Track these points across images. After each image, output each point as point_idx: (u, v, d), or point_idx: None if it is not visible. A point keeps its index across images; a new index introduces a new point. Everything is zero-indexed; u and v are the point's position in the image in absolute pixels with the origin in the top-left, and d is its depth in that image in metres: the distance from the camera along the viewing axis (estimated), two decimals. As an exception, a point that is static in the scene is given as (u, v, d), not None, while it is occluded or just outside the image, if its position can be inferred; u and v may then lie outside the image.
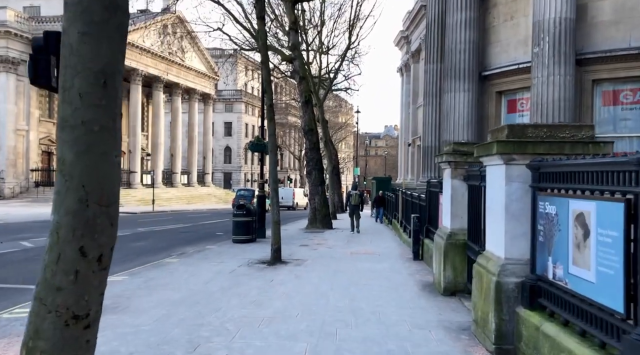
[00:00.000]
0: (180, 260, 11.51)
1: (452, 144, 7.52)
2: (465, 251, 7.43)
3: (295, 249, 13.73)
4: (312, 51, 33.19)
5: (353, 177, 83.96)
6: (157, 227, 21.87)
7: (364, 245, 14.84)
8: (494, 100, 14.08)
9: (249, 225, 15.18)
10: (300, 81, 20.61)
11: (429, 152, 16.53)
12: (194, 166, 55.90)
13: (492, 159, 5.08)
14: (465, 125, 13.85)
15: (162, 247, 15.02)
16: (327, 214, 20.81)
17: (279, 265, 10.71)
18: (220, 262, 11.26)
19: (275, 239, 11.05)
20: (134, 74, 45.10)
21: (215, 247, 14.05)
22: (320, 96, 31.33)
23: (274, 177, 11.10)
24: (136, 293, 7.77)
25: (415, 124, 35.76)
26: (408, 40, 38.42)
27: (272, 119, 11.12)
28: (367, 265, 10.73)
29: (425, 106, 16.69)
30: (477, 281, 5.42)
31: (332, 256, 12.19)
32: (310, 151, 20.53)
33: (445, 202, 8.05)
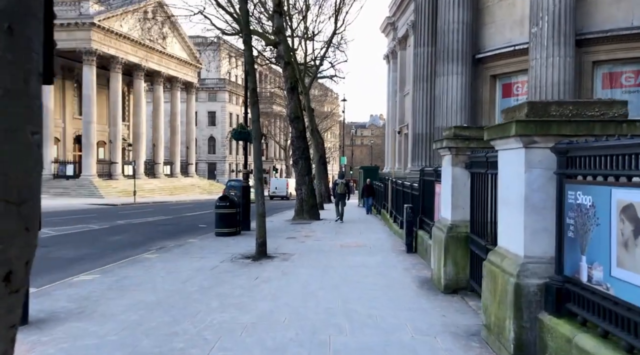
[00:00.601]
0: (159, 256, 10.76)
1: (453, 128, 6.86)
2: (468, 245, 6.80)
3: (281, 242, 13.05)
4: (297, 37, 32.30)
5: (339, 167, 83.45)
6: (137, 220, 21.02)
7: (353, 237, 14.20)
8: (488, 84, 13.47)
9: (233, 218, 14.45)
10: (286, 67, 19.79)
11: (419, 139, 15.90)
12: (177, 156, 54.74)
13: (508, 142, 4.42)
14: (458, 110, 13.22)
15: (141, 241, 14.23)
16: (315, 205, 20.13)
17: (264, 261, 10.02)
18: (202, 257, 10.53)
19: (260, 233, 10.35)
20: (113, 62, 43.76)
21: (196, 241, 13.30)
22: (306, 84, 30.51)
23: (258, 167, 10.37)
24: (106, 295, 7.03)
25: (402, 112, 35.19)
26: (394, 27, 37.70)
27: (256, 103, 10.37)
28: (358, 259, 10.09)
29: (415, 92, 16.04)
30: (489, 282, 4.78)
31: (320, 249, 11.53)
32: (296, 140, 19.78)
33: (444, 191, 7.40)
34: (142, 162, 48.55)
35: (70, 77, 46.89)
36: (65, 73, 46.74)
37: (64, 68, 46.33)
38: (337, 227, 17.02)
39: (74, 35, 40.40)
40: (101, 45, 41.58)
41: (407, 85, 33.71)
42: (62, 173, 42.14)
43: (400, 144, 35.76)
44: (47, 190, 39.88)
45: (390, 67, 39.79)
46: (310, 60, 33.23)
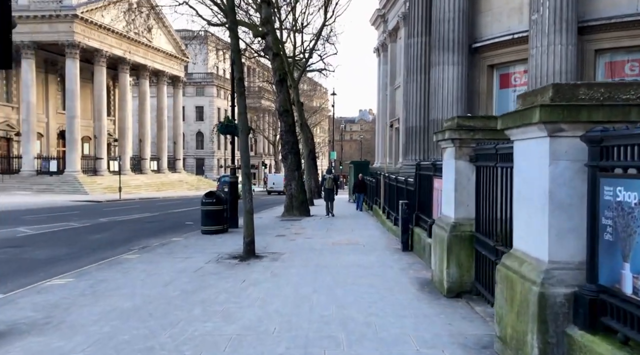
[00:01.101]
0: (140, 256, 10.13)
1: (456, 118, 6.31)
2: (473, 245, 6.28)
3: (270, 240, 12.47)
4: (285, 30, 31.61)
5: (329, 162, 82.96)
6: (122, 217, 20.31)
7: (345, 234, 13.66)
8: (485, 75, 12.95)
9: (220, 215, 13.84)
10: (274, 58, 19.13)
11: (413, 133, 15.37)
12: (164, 152, 53.85)
13: (529, 131, 3.87)
14: (454, 101, 12.70)
15: (123, 239, 13.57)
16: (305, 201, 19.55)
17: (252, 261, 9.44)
18: (186, 257, 9.93)
19: (247, 231, 9.76)
20: (97, 55, 42.75)
21: (181, 240, 12.68)
22: (295, 77, 29.85)
23: (246, 161, 9.77)
24: (78, 301, 6.41)
25: (393, 105, 34.67)
26: (385, 19, 37.13)
27: (243, 95, 9.75)
28: (352, 259, 9.54)
29: (408, 84, 15.50)
30: (505, 289, 4.24)
31: (312, 248, 10.97)
32: (285, 134, 19.15)
33: (446, 187, 6.86)
34: (128, 158, 47.64)
35: (54, 71, 45.82)
36: (49, 67, 45.66)
37: (47, 62, 45.25)
38: (328, 223, 16.48)
39: (56, 27, 39.37)
40: (84, 38, 40.55)
41: (397, 78, 33.18)
42: (45, 169, 41.13)
43: (391, 139, 35.26)
44: (29, 186, 38.95)
45: (380, 60, 39.24)
46: (300, 53, 32.56)
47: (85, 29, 40.64)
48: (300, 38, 32.31)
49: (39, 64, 44.20)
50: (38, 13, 38.92)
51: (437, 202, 8.41)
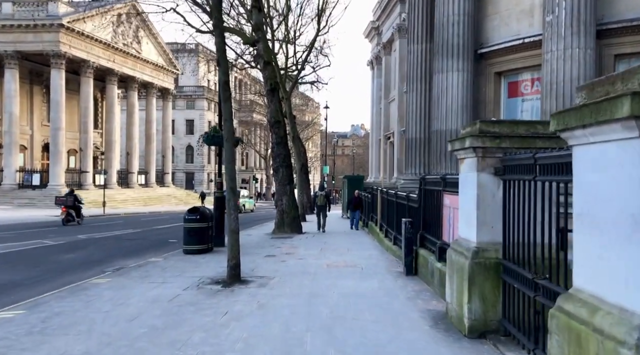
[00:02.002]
0: (111, 281, 8.97)
1: (478, 123, 5.30)
2: (500, 275, 5.22)
3: (259, 261, 11.35)
4: (277, 41, 30.78)
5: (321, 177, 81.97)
6: (101, 234, 19.07)
7: (341, 254, 12.56)
8: (492, 83, 12.04)
9: (204, 233, 12.71)
10: (265, 67, 18.18)
11: (413, 145, 14.39)
12: (152, 165, 52.55)
13: (606, 131, 2.84)
14: (459, 110, 11.77)
15: (97, 260, 12.39)
16: (296, 217, 18.45)
17: (237, 287, 8.31)
18: (162, 282, 8.78)
19: (232, 253, 8.65)
20: (84, 66, 41.65)
21: (160, 261, 11.52)
22: (287, 89, 28.94)
23: (230, 173, 8.69)
24: (19, 343, 5.26)
25: (387, 119, 33.88)
26: (379, 31, 36.54)
27: (229, 99, 8.71)
28: (350, 284, 8.44)
29: (409, 93, 14.55)
30: (566, 344, 3.18)
31: (304, 271, 9.85)
32: (277, 146, 18.12)
33: (465, 205, 5.82)
34: (115, 172, 46.35)
35: (39, 82, 44.62)
36: (34, 78, 44.48)
37: (32, 72, 44.08)
38: (322, 241, 15.37)
39: (41, 37, 38.30)
40: (70, 48, 39.47)
41: (392, 91, 32.43)
42: (27, 182, 39.72)
43: (385, 153, 34.39)
44: (10, 200, 37.52)
45: (374, 73, 38.55)
46: (292, 64, 31.68)
47: (72, 39, 39.59)
48: (293, 49, 31.31)
49: (23, 74, 43.03)
50: (22, 22, 37.86)
51: (448, 222, 7.38)
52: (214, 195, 15.32)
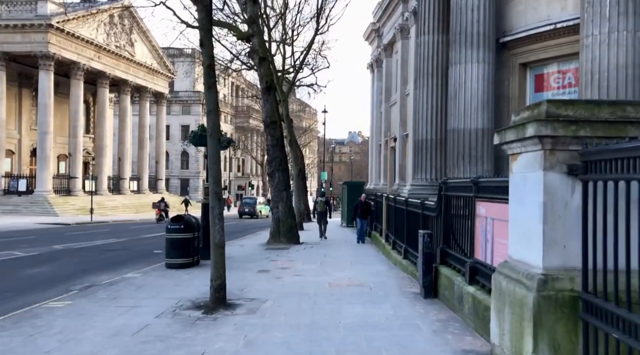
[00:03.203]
0: (71, 304, 7.48)
1: (545, 103, 3.86)
2: (578, 314, 3.76)
3: (250, 278, 9.86)
4: (274, 42, 29.44)
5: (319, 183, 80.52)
6: (82, 243, 17.53)
7: (344, 269, 11.08)
8: (517, 75, 10.64)
9: (189, 244, 11.21)
10: (260, 63, 16.76)
11: (423, 147, 12.95)
12: (145, 171, 50.95)
13: None
14: (479, 107, 10.38)
15: (66, 275, 10.87)
16: (294, 226, 16.96)
17: (221, 314, 6.83)
18: (133, 306, 7.29)
19: (217, 272, 7.17)
20: (74, 68, 40.13)
21: (137, 277, 10.02)
22: (284, 90, 27.56)
23: (215, 175, 7.22)
24: None
25: (388, 123, 32.51)
26: (379, 33, 35.25)
27: (214, 86, 7.27)
28: (359, 311, 6.96)
29: (418, 89, 13.13)
30: None
31: (303, 292, 8.36)
32: (272, 148, 16.65)
33: (521, 215, 4.36)
34: (106, 178, 44.73)
35: (28, 85, 43.05)
36: (22, 80, 42.96)
37: (21, 75, 42.58)
38: (322, 253, 13.88)
39: (30, 37, 36.83)
40: (60, 49, 38.00)
41: (393, 94, 31.09)
42: (13, 188, 38.08)
43: (385, 158, 33.00)
44: (-6, 207, 35.88)
45: (374, 77, 37.23)
46: (289, 66, 30.32)
47: (61, 40, 38.13)
48: (291, 50, 30.03)
49: (12, 77, 41.55)
50: (10, 22, 36.38)
51: (484, 235, 5.92)
52: (202, 202, 13.84)
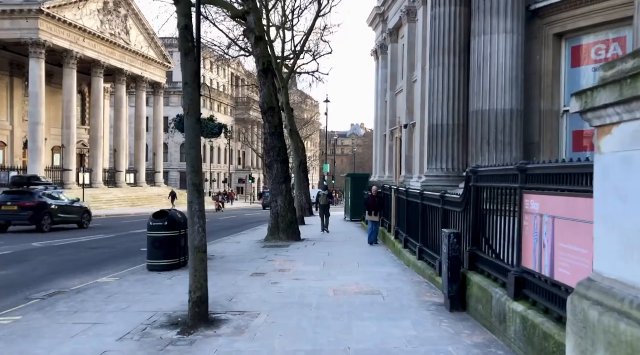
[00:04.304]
0: (20, 320, 6.14)
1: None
2: None
3: (242, 283, 8.51)
4: (273, 27, 27.96)
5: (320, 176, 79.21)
6: (64, 240, 16.19)
7: (350, 272, 9.70)
8: (551, 48, 9.21)
9: (174, 244, 9.87)
10: (257, 43, 15.33)
11: (439, 134, 11.53)
12: (142, 164, 49.58)
13: None
14: (508, 84, 8.98)
15: (33, 279, 9.52)
16: (294, 221, 15.59)
17: (201, 335, 5.48)
18: (94, 323, 5.95)
19: (196, 282, 5.80)
20: (67, 56, 38.68)
21: (112, 282, 8.68)
22: (284, 76, 26.14)
23: (194, 164, 5.83)
24: None
25: (394, 113, 31.05)
26: (384, 18, 33.68)
27: (191, 53, 5.84)
28: (372, 331, 5.60)
29: (433, 69, 11.66)
30: None
31: (303, 303, 7.00)
32: (270, 137, 15.25)
33: (623, 215, 2.96)
34: (101, 170, 43.41)
35: (20, 75, 41.65)
36: (14, 70, 41.58)
37: (13, 64, 41.20)
38: (325, 252, 12.51)
39: (19, 24, 35.35)
40: (52, 37, 36.53)
41: (399, 81, 29.60)
42: (4, 181, 36.69)
43: (391, 150, 31.58)
44: (-17, 201, 34.55)
45: (379, 64, 35.69)
46: (290, 51, 28.85)
47: (53, 27, 36.66)
48: (291, 34, 28.55)
49: (3, 66, 40.24)
50: (-2, 7, 34.91)
51: (536, 238, 4.54)
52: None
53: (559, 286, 4.05)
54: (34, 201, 18.76)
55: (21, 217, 18.48)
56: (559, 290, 4.06)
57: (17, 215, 18.43)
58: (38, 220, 18.64)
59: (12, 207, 18.38)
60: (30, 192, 19.30)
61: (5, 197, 19.08)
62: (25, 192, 19.37)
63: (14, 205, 18.44)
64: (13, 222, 18.88)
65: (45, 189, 20.08)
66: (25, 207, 18.42)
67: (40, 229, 18.72)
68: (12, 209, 18.33)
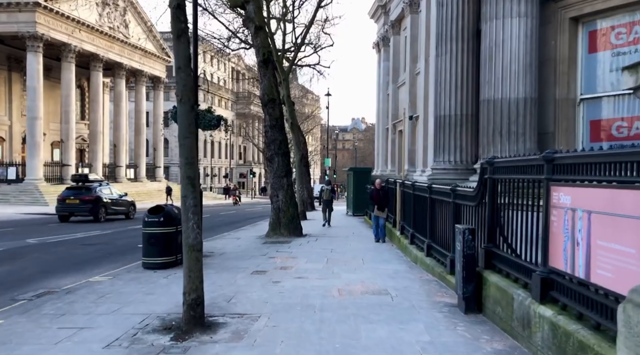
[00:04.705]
0: (3, 323, 5.73)
1: None
2: None
3: (242, 281, 8.07)
4: (273, 19, 27.45)
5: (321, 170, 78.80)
6: (60, 236, 15.77)
7: (355, 269, 9.26)
8: (566, 33, 8.71)
9: (170, 240, 9.43)
10: (256, 33, 14.84)
11: (447, 124, 11.04)
12: (142, 159, 49.14)
13: None
14: (521, 71, 8.51)
15: (23, 278, 9.10)
16: (295, 216, 15.14)
17: (196, 341, 5.04)
18: (82, 327, 5.53)
19: (191, 283, 5.36)
20: (65, 50, 38.15)
21: (105, 281, 8.25)
22: (285, 69, 25.65)
23: (188, 155, 5.37)
24: None
25: (396, 106, 30.55)
26: (386, 9, 33.09)
27: (184, 34, 5.37)
28: (381, 336, 5.15)
29: (440, 56, 11.15)
30: None
31: (306, 304, 6.55)
32: (271, 130, 14.78)
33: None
34: (101, 165, 42.98)
35: (19, 69, 41.15)
36: (12, 64, 41.07)
37: (11, 58, 40.69)
38: (328, 249, 12.06)
39: (16, 17, 34.79)
40: (49, 30, 35.98)
41: (402, 74, 29.08)
42: (2, 177, 36.36)
43: (393, 143, 31.09)
44: (-19, 197, 34.20)
45: (381, 57, 35.13)
46: (290, 43, 28.35)
47: (50, 20, 36.11)
48: (292, 26, 28.02)
49: (0, 60, 39.74)
50: (-7, -1, 34.35)
51: (569, 235, 4.08)
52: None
53: (597, 289, 3.59)
54: (92, 195, 21.68)
55: (82, 209, 21.41)
56: (596, 295, 3.60)
57: (79, 208, 21.47)
58: (95, 212, 21.42)
59: (74, 201, 21.47)
60: (88, 188, 22.22)
61: (67, 192, 22.18)
62: (83, 187, 22.39)
63: (75, 199, 21.48)
64: (75, 213, 21.72)
65: (99, 185, 23.19)
66: (85, 200, 21.39)
67: (97, 219, 21.32)
68: (74, 202, 21.43)
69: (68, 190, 22.43)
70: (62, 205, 21.66)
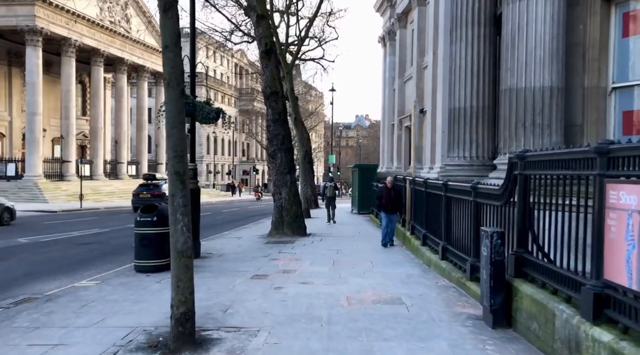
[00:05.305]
0: (-32, 339, 5.01)
1: None
2: None
3: (241, 288, 7.36)
4: (277, 12, 26.69)
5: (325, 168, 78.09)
6: (54, 235, 15.11)
7: (364, 273, 8.54)
8: (598, 15, 7.96)
9: (164, 241, 8.56)
10: (258, 22, 14.12)
11: (460, 117, 10.29)
12: (143, 155, 48.53)
13: None
14: (547, 58, 7.76)
15: (4, 282, 8.41)
16: (299, 215, 14.43)
17: (184, 363, 4.34)
18: (55, 345, 4.86)
19: (180, 294, 4.66)
20: (65, 44, 37.49)
21: (93, 286, 7.56)
22: (288, 63, 24.92)
23: (176, 147, 4.66)
24: None
25: (402, 101, 29.77)
26: (392, 2, 32.30)
27: (172, 9, 4.67)
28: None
29: (454, 44, 10.38)
30: None
31: (312, 315, 5.84)
32: (273, 124, 14.05)
33: None
34: (102, 162, 42.39)
35: (19, 64, 40.51)
36: (12, 59, 40.46)
37: (11, 53, 40.08)
38: (334, 250, 11.35)
39: (15, 10, 34.15)
40: (49, 24, 35.32)
41: (408, 68, 28.29)
42: (1, 173, 35.75)
43: (400, 139, 30.32)
44: (-21, 193, 33.60)
45: (386, 51, 34.31)
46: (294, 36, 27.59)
47: (50, 14, 35.44)
48: (296, 19, 27.25)
49: (0, 55, 39.12)
50: (-8, -7, 33.72)
51: (633, 245, 3.35)
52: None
53: (679, 314, 2.86)
54: (160, 191, 25.79)
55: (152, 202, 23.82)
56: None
57: (149, 201, 23.42)
58: None
59: (146, 195, 25.71)
60: (156, 184, 26.97)
61: (141, 188, 27.05)
62: (152, 184, 27.07)
63: (147, 193, 25.97)
64: None
65: (164, 183, 26.15)
66: (155, 195, 25.48)
67: None
68: (147, 196, 25.55)
69: (141, 187, 27.26)
70: (136, 199, 26.09)
